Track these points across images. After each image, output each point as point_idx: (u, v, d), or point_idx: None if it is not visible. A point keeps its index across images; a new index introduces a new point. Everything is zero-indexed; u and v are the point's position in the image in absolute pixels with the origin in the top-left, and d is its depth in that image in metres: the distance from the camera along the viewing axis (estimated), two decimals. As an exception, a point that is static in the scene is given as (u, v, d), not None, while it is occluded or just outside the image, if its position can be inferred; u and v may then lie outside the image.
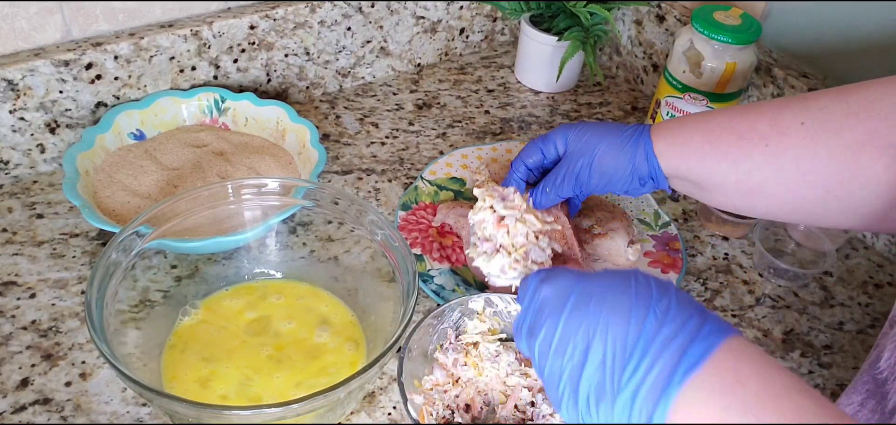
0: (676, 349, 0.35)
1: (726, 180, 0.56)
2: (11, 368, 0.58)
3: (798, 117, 0.52)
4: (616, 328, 0.37)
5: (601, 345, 0.37)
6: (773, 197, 0.55)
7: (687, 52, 0.80)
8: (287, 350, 0.58)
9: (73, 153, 0.69)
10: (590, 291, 0.40)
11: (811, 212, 0.54)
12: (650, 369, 0.35)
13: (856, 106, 0.51)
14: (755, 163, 0.54)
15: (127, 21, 0.77)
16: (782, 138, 0.53)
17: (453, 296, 0.65)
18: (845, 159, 0.51)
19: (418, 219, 0.74)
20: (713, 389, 0.34)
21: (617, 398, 0.37)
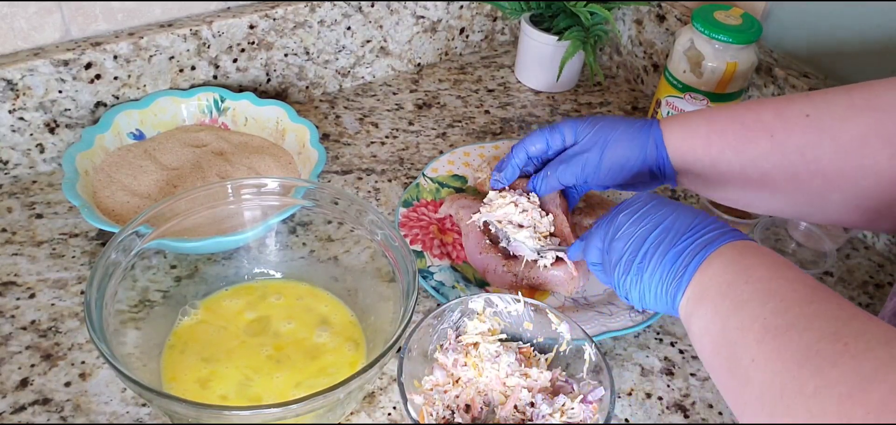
0: (721, 231, 0.47)
1: (731, 169, 0.58)
2: (11, 368, 0.58)
3: (803, 109, 0.54)
4: (686, 215, 0.49)
5: (672, 220, 0.49)
6: (777, 188, 0.56)
7: (687, 52, 0.80)
8: (287, 350, 0.58)
9: (73, 153, 0.69)
10: (671, 201, 0.52)
11: (814, 204, 0.55)
12: (703, 235, 0.47)
13: (859, 100, 0.52)
14: (761, 152, 0.56)
15: (126, 21, 0.77)
16: (787, 129, 0.54)
17: (453, 293, 0.65)
18: (849, 150, 0.52)
19: (419, 215, 0.74)
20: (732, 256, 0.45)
21: (670, 249, 0.48)
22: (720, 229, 0.48)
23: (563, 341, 0.58)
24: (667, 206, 0.51)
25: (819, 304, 0.39)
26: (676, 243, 0.48)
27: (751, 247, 0.46)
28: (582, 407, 0.53)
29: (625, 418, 0.59)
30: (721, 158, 0.58)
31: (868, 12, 0.75)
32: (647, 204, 0.52)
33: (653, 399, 0.61)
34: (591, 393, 0.54)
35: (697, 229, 0.48)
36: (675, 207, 0.51)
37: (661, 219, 0.50)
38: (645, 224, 0.51)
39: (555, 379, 0.56)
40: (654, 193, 0.54)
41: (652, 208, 0.51)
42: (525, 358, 0.58)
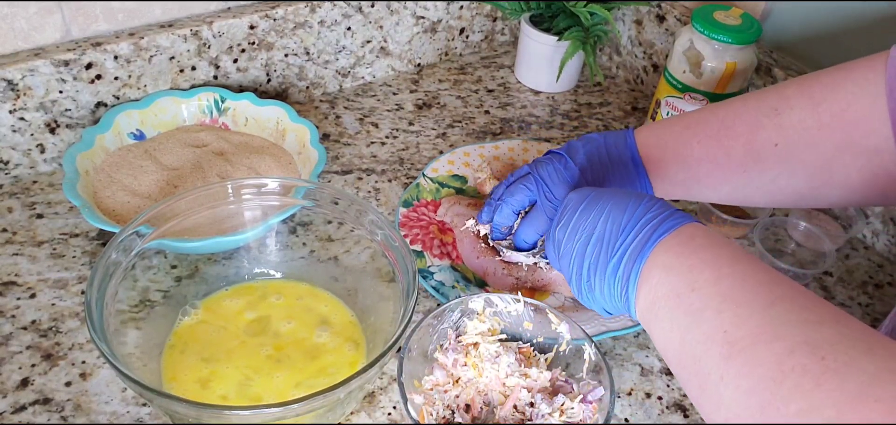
0: (654, 225, 0.45)
1: (708, 198, 0.63)
2: (11, 368, 0.58)
3: (772, 139, 0.55)
4: (615, 214, 0.47)
5: (602, 227, 0.47)
6: (753, 202, 0.61)
7: (687, 52, 0.80)
8: (287, 350, 0.58)
9: (73, 153, 0.69)
10: (601, 194, 0.50)
11: (790, 204, 0.60)
12: (634, 239, 0.45)
13: (827, 117, 0.53)
14: (735, 186, 0.59)
15: (127, 21, 0.77)
16: (758, 163, 0.56)
17: (453, 293, 0.65)
18: (820, 169, 0.54)
19: (419, 215, 0.74)
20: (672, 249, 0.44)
21: (608, 263, 0.47)
22: (651, 224, 0.45)
23: (563, 341, 0.58)
24: (595, 206, 0.49)
25: (780, 305, 0.37)
26: (611, 255, 0.46)
27: (686, 241, 0.43)
28: (582, 406, 0.53)
29: (625, 418, 0.60)
30: (700, 195, 0.62)
31: (867, 12, 0.75)
32: (577, 208, 0.50)
33: (653, 398, 0.61)
34: (590, 392, 0.54)
35: (628, 231, 0.46)
36: (604, 205, 0.48)
37: (592, 227, 0.48)
38: (579, 237, 0.49)
39: (554, 379, 0.56)
40: (583, 188, 0.53)
41: (582, 213, 0.50)
42: (525, 358, 0.58)
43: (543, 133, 0.90)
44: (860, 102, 0.52)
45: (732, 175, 0.58)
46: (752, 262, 0.41)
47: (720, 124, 0.59)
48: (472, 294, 0.63)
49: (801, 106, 0.54)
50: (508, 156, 0.83)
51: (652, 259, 0.44)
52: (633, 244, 0.45)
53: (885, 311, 0.70)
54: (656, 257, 0.44)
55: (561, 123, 0.92)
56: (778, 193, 0.58)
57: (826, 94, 0.53)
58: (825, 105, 0.53)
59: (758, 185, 0.58)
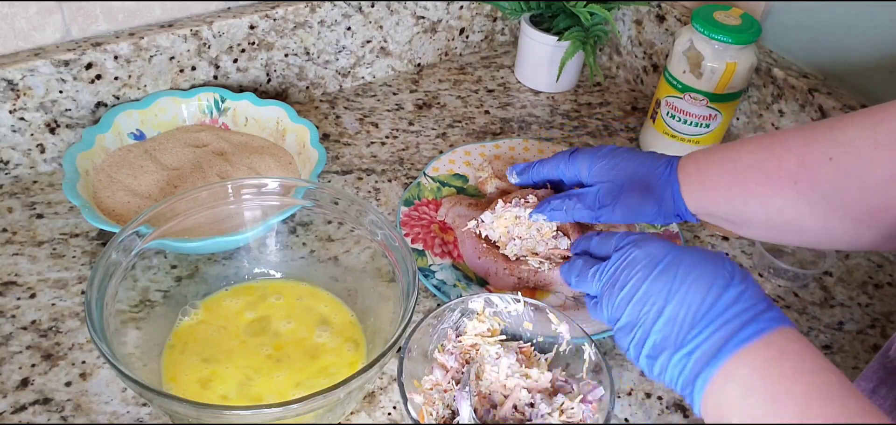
0: (738, 324, 0.40)
1: (755, 218, 0.55)
2: (11, 368, 0.58)
3: (827, 152, 0.51)
4: (694, 295, 0.42)
5: (678, 306, 0.42)
6: (805, 230, 0.54)
7: (687, 52, 0.80)
8: (287, 350, 0.58)
9: (73, 153, 0.69)
10: (679, 260, 0.45)
11: (844, 240, 0.53)
12: (712, 336, 0.40)
13: (885, 137, 0.49)
14: (785, 201, 0.53)
15: (127, 21, 0.77)
16: (811, 175, 0.52)
17: (454, 291, 0.65)
18: (876, 191, 0.50)
19: (420, 214, 0.74)
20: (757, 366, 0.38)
21: (676, 352, 0.42)
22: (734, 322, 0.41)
23: (563, 341, 0.58)
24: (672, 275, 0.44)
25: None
26: (678, 346, 0.42)
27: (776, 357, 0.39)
28: (582, 406, 0.53)
29: (624, 418, 0.60)
30: (745, 208, 0.56)
31: (867, 12, 0.75)
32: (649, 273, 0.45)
33: (652, 398, 0.61)
34: (590, 392, 0.54)
35: (705, 323, 0.41)
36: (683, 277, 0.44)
37: (663, 302, 0.44)
38: (649, 306, 0.45)
39: (555, 380, 0.56)
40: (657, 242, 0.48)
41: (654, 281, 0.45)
42: (526, 357, 0.58)
43: (543, 133, 0.90)
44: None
45: (783, 187, 0.53)
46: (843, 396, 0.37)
47: (772, 137, 0.55)
48: (472, 293, 0.63)
49: (858, 124, 0.51)
50: (509, 156, 0.83)
51: (728, 368, 0.39)
52: (708, 343, 0.40)
53: (885, 311, 0.70)
54: (735, 368, 0.39)
55: (561, 123, 0.92)
56: (833, 216, 0.52)
57: (883, 117, 0.50)
58: (883, 126, 0.49)
59: (810, 201, 0.52)
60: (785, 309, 0.70)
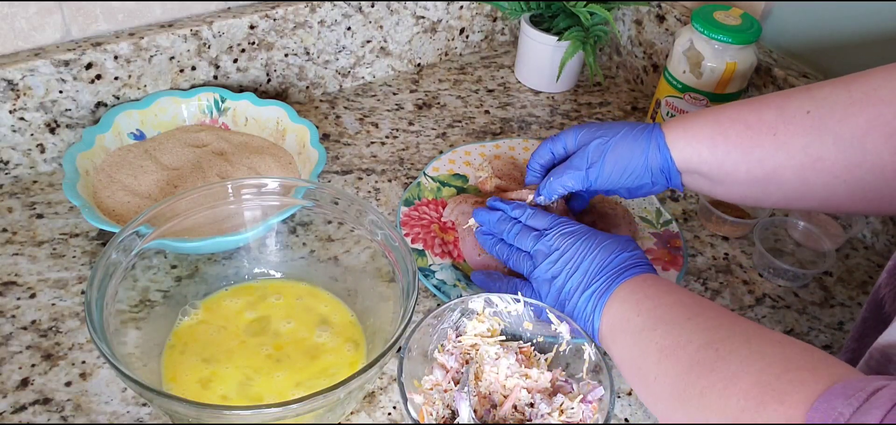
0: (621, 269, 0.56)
1: (737, 170, 0.59)
2: (11, 368, 0.58)
3: (803, 106, 0.55)
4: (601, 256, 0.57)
5: (589, 264, 0.57)
6: (783, 184, 0.57)
7: (687, 52, 0.80)
8: (287, 350, 0.58)
9: (73, 153, 0.69)
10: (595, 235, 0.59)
11: (821, 197, 0.57)
12: (606, 278, 0.56)
13: (858, 94, 0.53)
14: (765, 151, 0.57)
15: (127, 21, 0.77)
16: (790, 127, 0.56)
17: (454, 291, 0.65)
18: (851, 145, 0.53)
19: (421, 214, 0.74)
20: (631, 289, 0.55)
21: (584, 292, 0.57)
22: (617, 270, 0.56)
23: (563, 341, 0.58)
24: (579, 252, 0.58)
25: (696, 319, 0.49)
26: (589, 286, 0.57)
27: (640, 282, 0.55)
28: (582, 406, 0.53)
29: (624, 418, 0.60)
30: (726, 159, 0.59)
31: (867, 12, 0.75)
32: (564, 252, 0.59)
33: (652, 399, 0.61)
34: (590, 392, 0.54)
35: (605, 274, 0.56)
36: (587, 251, 0.58)
37: (582, 259, 0.58)
38: (572, 264, 0.58)
39: (555, 380, 0.56)
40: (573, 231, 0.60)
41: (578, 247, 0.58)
42: (526, 358, 0.58)
43: (543, 133, 0.90)
44: (891, 84, 0.52)
45: (763, 138, 0.57)
46: (680, 293, 0.53)
47: (754, 98, 0.60)
48: (472, 293, 0.63)
49: (833, 85, 0.55)
50: (509, 155, 0.83)
51: (614, 296, 0.55)
52: (603, 282, 0.56)
53: (885, 311, 0.70)
54: (616, 294, 0.55)
55: (561, 123, 0.92)
56: (810, 168, 0.55)
57: (857, 78, 0.54)
58: (856, 84, 0.54)
59: (789, 153, 0.56)
60: (785, 309, 0.70)
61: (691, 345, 0.47)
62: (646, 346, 0.51)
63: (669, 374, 0.48)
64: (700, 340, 0.47)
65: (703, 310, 0.51)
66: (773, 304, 0.70)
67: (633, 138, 0.63)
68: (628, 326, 0.53)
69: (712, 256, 0.75)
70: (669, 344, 0.49)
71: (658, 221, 0.76)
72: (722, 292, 0.71)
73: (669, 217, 0.76)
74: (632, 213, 0.76)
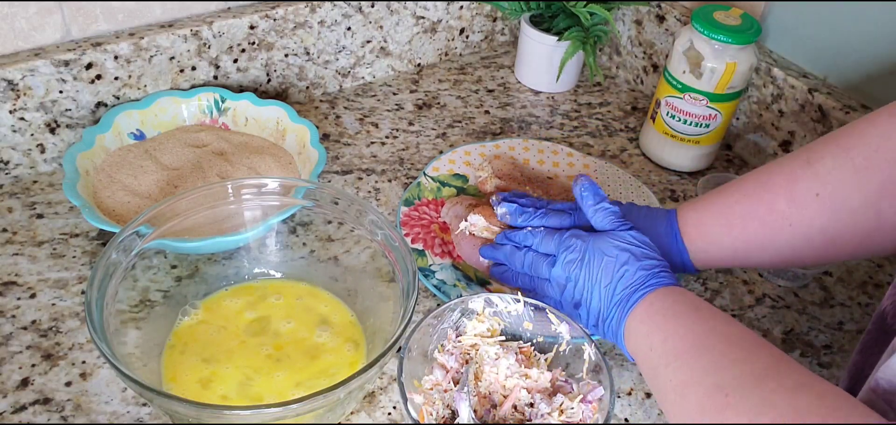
0: (627, 295, 0.55)
1: (760, 262, 0.60)
2: (11, 368, 0.58)
3: (812, 189, 0.55)
4: (604, 282, 0.57)
5: (599, 291, 0.57)
6: (808, 259, 0.58)
7: (687, 52, 0.80)
8: (287, 350, 0.58)
9: (73, 153, 0.69)
10: (592, 258, 0.58)
11: (848, 256, 0.57)
12: (617, 307, 0.56)
13: (861, 161, 0.53)
14: (783, 241, 0.57)
15: (127, 21, 0.77)
16: (803, 214, 0.55)
17: (454, 291, 0.65)
18: (866, 215, 0.53)
19: (421, 214, 0.74)
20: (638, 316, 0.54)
21: (605, 320, 0.57)
22: (624, 297, 0.55)
23: (563, 341, 0.58)
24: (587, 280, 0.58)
25: (707, 355, 0.48)
26: (607, 316, 0.56)
27: (647, 308, 0.54)
28: (582, 406, 0.53)
29: (624, 418, 0.60)
30: (748, 261, 0.60)
31: (866, 12, 0.75)
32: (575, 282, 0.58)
33: (652, 398, 0.61)
34: (590, 392, 0.54)
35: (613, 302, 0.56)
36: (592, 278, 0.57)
37: (591, 288, 0.57)
38: (587, 293, 0.58)
39: (555, 380, 0.56)
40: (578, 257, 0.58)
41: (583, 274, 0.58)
42: (526, 357, 0.58)
43: (543, 133, 0.90)
44: (891, 142, 0.51)
45: (779, 231, 0.57)
46: (690, 317, 0.51)
47: (756, 182, 0.58)
48: (472, 293, 0.63)
49: (833, 154, 0.54)
50: (509, 155, 0.83)
51: (628, 324, 0.55)
52: (616, 311, 0.56)
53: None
54: (629, 323, 0.55)
55: (561, 123, 0.92)
56: (830, 246, 0.56)
57: (854, 142, 0.53)
58: (856, 150, 0.53)
59: (807, 238, 0.56)
60: (785, 309, 0.70)
61: (701, 387, 0.46)
62: (662, 384, 0.50)
63: (685, 414, 0.47)
64: (710, 382, 0.46)
65: (715, 342, 0.48)
66: (773, 304, 0.70)
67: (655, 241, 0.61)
68: (645, 361, 0.53)
69: (712, 256, 0.75)
70: (680, 383, 0.48)
71: (658, 221, 0.76)
72: (722, 292, 0.71)
73: (669, 217, 0.76)
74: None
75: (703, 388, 0.46)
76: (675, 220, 0.61)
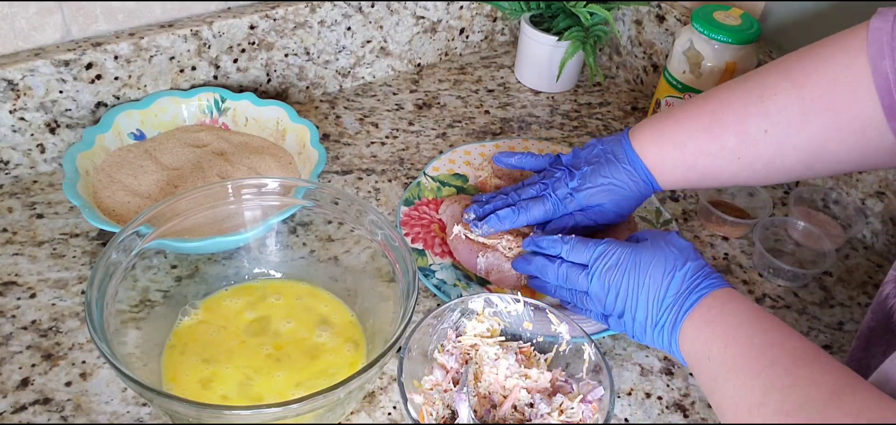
0: (682, 298, 0.53)
1: (711, 187, 0.68)
2: (11, 368, 0.58)
3: (761, 125, 0.58)
4: (653, 286, 0.55)
5: (646, 296, 0.55)
6: (751, 183, 0.64)
7: (687, 52, 0.80)
8: (287, 349, 0.58)
9: (73, 153, 0.69)
10: (638, 261, 0.56)
11: (784, 180, 0.62)
12: (670, 311, 0.54)
13: (811, 102, 0.55)
14: (732, 173, 0.61)
15: (127, 21, 0.77)
16: (751, 150, 0.59)
17: (454, 291, 0.65)
18: (811, 151, 0.56)
19: (421, 214, 0.74)
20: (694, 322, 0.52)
21: (654, 328, 0.55)
22: (677, 299, 0.53)
23: (563, 341, 0.58)
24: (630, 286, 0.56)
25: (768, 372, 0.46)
26: (657, 322, 0.55)
27: (706, 310, 0.52)
28: (582, 406, 0.53)
29: (624, 418, 0.60)
30: (700, 185, 0.65)
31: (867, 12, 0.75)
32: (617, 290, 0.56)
33: (652, 398, 0.61)
34: (590, 392, 0.54)
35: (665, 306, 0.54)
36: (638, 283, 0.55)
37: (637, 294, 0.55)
38: (631, 300, 0.56)
39: (554, 380, 0.56)
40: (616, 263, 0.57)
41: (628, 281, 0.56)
42: (525, 357, 0.58)
43: (543, 133, 0.90)
44: (842, 85, 0.53)
45: (729, 164, 0.60)
46: (752, 325, 0.49)
47: (710, 118, 0.61)
48: (472, 293, 0.63)
49: (785, 90, 0.56)
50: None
51: (683, 330, 0.53)
52: (669, 316, 0.54)
53: (885, 311, 0.70)
54: (685, 328, 0.53)
55: (561, 123, 0.92)
56: (774, 176, 0.60)
57: (808, 77, 0.55)
58: (807, 90, 0.55)
59: (754, 170, 0.60)
60: (785, 309, 0.70)
61: (765, 409, 0.44)
62: (721, 399, 0.48)
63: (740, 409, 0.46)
64: (773, 403, 0.44)
65: (779, 356, 0.46)
66: (773, 304, 0.70)
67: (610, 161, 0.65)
68: (702, 370, 0.51)
69: (712, 256, 0.75)
70: (743, 400, 0.46)
71: (658, 221, 0.76)
72: (722, 292, 0.71)
73: (669, 216, 0.76)
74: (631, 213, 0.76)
75: (767, 411, 0.44)
76: (632, 149, 0.64)
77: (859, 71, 0.52)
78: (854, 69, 0.52)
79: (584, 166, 0.65)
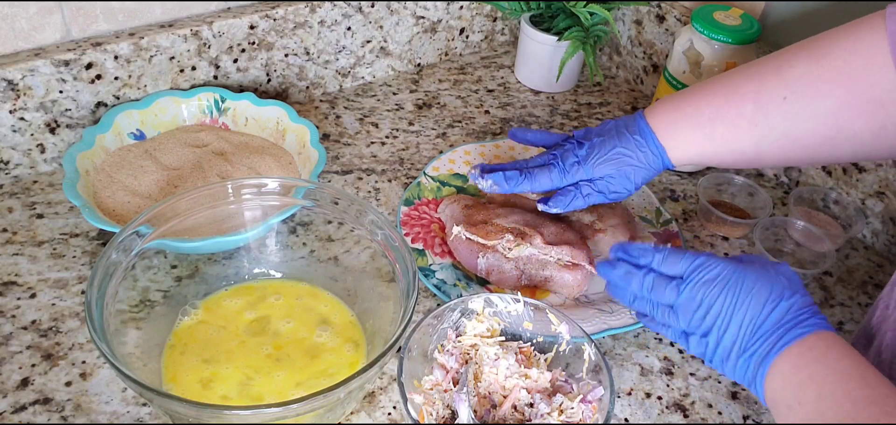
0: (783, 331, 0.49)
1: (724, 161, 0.64)
2: (11, 368, 0.58)
3: (779, 92, 0.58)
4: (754, 310, 0.50)
5: (741, 318, 0.50)
6: (768, 159, 0.62)
7: (687, 52, 0.80)
8: (287, 349, 0.58)
9: (73, 153, 0.69)
10: (743, 279, 0.51)
11: (806, 160, 0.62)
12: (765, 341, 0.49)
13: (828, 71, 0.55)
14: (749, 143, 0.60)
15: (127, 21, 0.77)
16: (768, 117, 0.59)
17: (454, 291, 0.65)
18: (827, 121, 0.56)
19: (420, 214, 0.74)
20: (792, 361, 0.48)
21: (741, 356, 0.50)
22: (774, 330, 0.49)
23: (563, 341, 0.58)
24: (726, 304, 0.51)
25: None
26: (746, 349, 0.50)
27: (805, 353, 0.48)
28: (581, 406, 0.53)
29: (624, 418, 0.60)
30: (715, 157, 0.63)
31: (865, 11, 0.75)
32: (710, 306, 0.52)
33: (652, 398, 0.61)
34: (590, 392, 0.54)
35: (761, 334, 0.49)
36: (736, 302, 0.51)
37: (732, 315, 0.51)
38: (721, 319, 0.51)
39: (554, 380, 0.56)
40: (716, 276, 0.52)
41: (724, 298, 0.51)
42: (525, 357, 0.58)
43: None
44: (859, 56, 0.54)
45: (745, 132, 0.60)
46: (853, 380, 0.45)
47: (727, 86, 0.61)
48: (472, 293, 0.63)
49: (803, 61, 0.57)
50: (509, 155, 0.83)
51: (776, 365, 0.48)
52: (762, 346, 0.49)
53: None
54: (779, 365, 0.48)
55: (561, 123, 0.92)
56: (790, 148, 0.59)
57: (826, 51, 0.56)
58: (826, 60, 0.56)
59: (772, 140, 0.59)
60: (785, 309, 0.70)
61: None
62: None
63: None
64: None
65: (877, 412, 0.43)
66: (773, 304, 0.70)
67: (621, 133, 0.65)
68: (787, 414, 0.47)
69: (712, 256, 0.75)
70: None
71: (658, 221, 0.76)
72: (722, 292, 0.71)
73: (669, 216, 0.76)
74: (632, 213, 0.76)
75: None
76: (645, 121, 0.64)
77: (877, 45, 0.53)
78: (872, 42, 0.53)
79: (594, 138, 0.66)
